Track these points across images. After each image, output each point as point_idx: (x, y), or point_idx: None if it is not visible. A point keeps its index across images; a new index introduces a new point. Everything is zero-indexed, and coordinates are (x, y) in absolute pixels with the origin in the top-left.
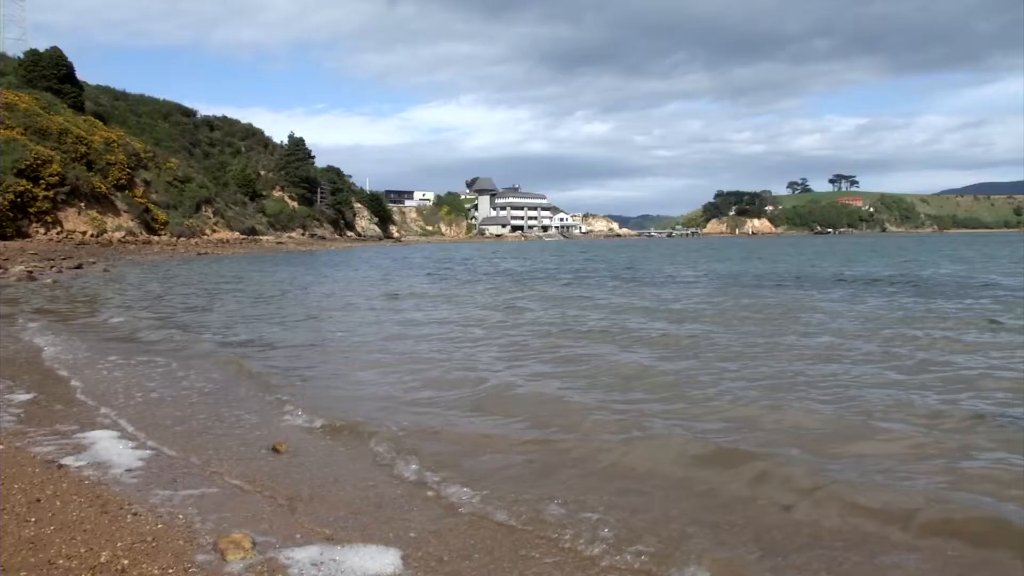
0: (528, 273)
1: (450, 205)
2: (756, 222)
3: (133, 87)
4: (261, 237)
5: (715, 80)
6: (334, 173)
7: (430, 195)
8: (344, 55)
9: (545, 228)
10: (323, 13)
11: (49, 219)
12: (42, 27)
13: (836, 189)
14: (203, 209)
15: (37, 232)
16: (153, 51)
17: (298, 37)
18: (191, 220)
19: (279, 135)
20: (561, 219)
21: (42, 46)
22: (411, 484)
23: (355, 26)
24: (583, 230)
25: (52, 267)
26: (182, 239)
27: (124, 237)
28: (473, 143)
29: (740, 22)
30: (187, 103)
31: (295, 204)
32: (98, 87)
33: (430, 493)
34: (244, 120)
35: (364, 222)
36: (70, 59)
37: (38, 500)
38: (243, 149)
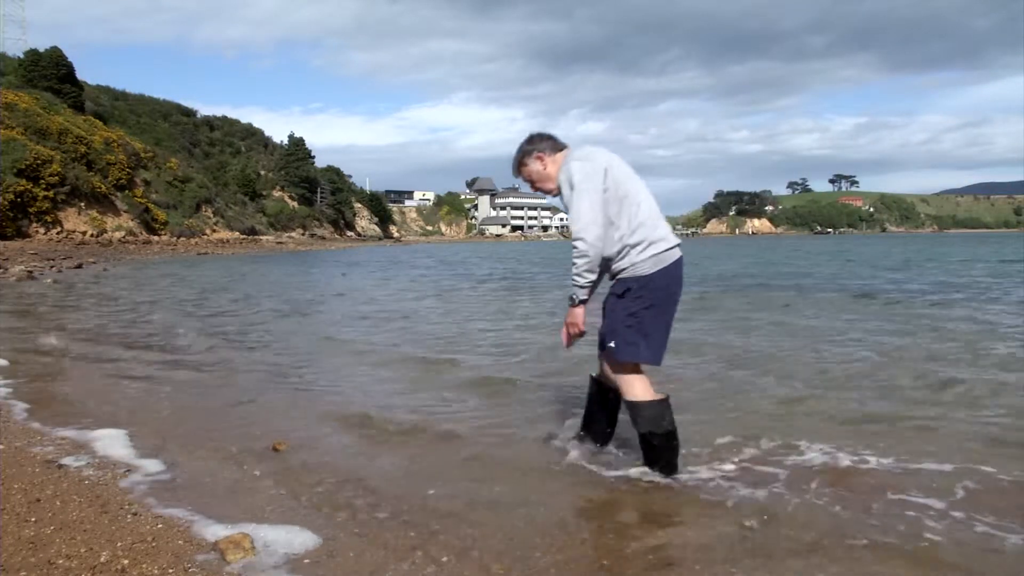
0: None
1: (450, 205)
2: (756, 222)
3: (121, 85)
4: (261, 237)
5: (710, 78)
6: (334, 173)
7: (430, 195)
8: (331, 52)
9: (545, 228)
10: (307, 10)
11: (49, 219)
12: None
13: (836, 189)
14: (203, 209)
15: (37, 232)
16: (137, 49)
17: (284, 35)
18: (191, 220)
19: (277, 135)
20: (561, 219)
21: (29, 42)
22: None
23: (340, 23)
24: None
25: (52, 267)
26: (182, 239)
27: (124, 237)
28: (469, 142)
29: (733, 19)
30: (179, 101)
31: (295, 204)
32: (98, 87)
33: None
34: (242, 120)
35: (364, 222)
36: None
37: (38, 500)
38: (243, 149)
